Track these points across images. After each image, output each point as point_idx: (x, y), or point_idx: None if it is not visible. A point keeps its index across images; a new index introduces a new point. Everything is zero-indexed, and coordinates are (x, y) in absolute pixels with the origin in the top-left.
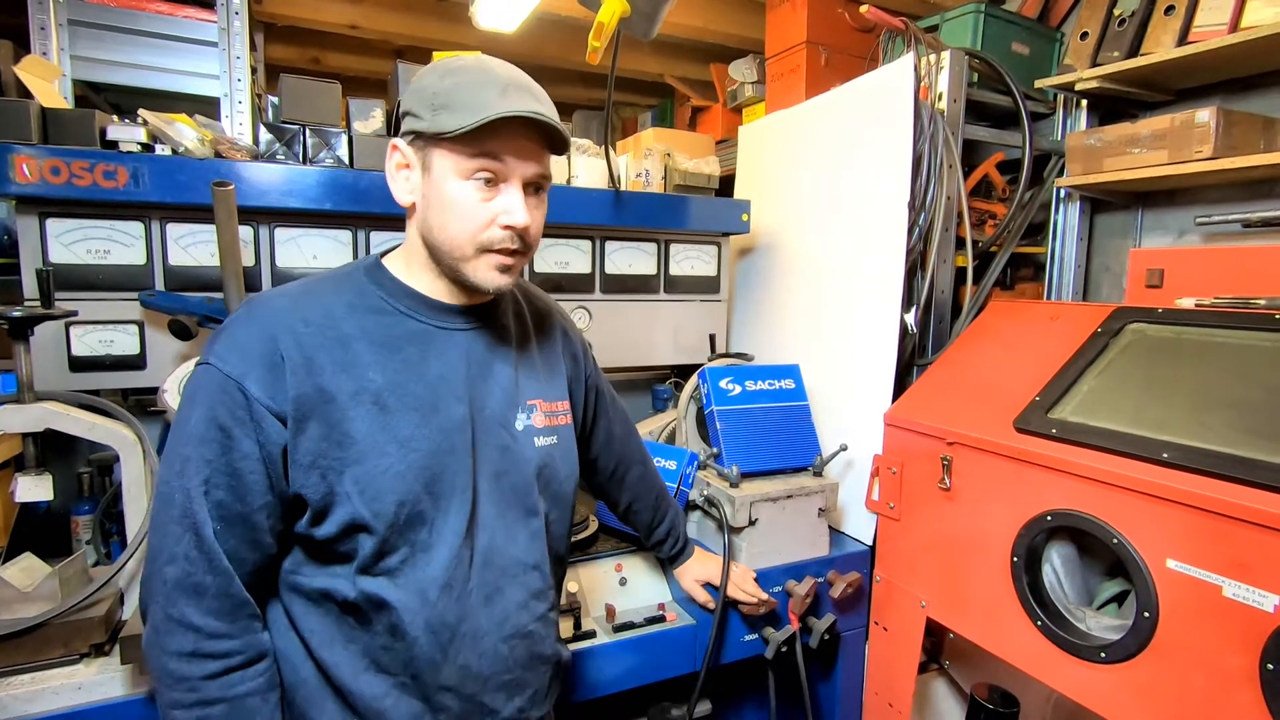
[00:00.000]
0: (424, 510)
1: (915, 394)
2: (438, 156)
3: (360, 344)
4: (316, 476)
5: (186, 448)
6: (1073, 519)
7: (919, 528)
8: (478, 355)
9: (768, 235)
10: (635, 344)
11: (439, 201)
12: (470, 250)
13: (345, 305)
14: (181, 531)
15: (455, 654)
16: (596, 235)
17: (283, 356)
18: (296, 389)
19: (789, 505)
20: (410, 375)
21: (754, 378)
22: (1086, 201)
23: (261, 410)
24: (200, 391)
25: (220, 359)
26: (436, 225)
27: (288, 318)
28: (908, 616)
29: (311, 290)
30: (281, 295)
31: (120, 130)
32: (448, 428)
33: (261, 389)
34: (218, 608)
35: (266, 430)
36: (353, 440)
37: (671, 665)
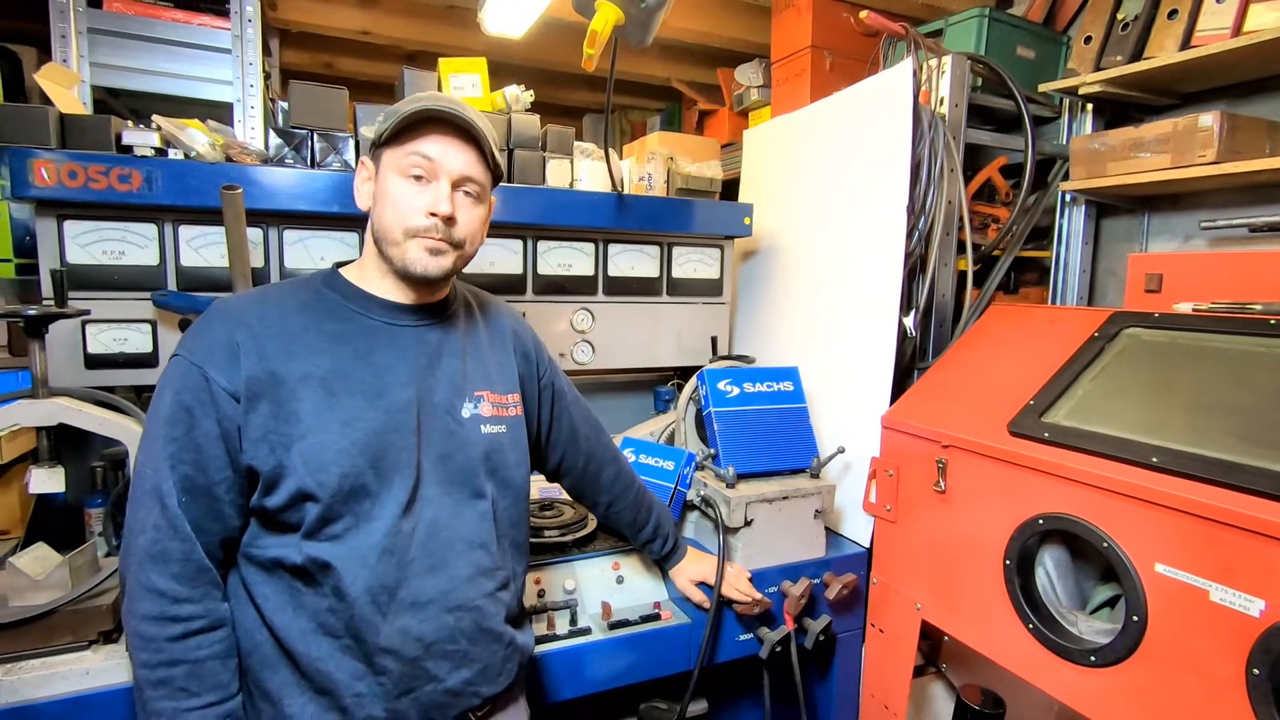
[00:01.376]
0: (367, 484)
1: (912, 397)
2: (384, 159)
3: (310, 335)
4: (266, 450)
5: (157, 428)
6: (1064, 522)
7: (915, 530)
8: (426, 348)
9: (770, 238)
10: (637, 346)
11: (382, 196)
12: (400, 235)
13: (299, 304)
14: (151, 503)
15: (394, 616)
16: (599, 238)
17: (238, 345)
18: (249, 372)
19: (785, 506)
20: (357, 363)
21: (752, 380)
22: (1091, 205)
23: (219, 391)
24: (170, 379)
25: (187, 350)
26: (377, 216)
27: (245, 315)
28: (903, 619)
29: (268, 293)
30: (242, 297)
31: (135, 135)
32: (392, 410)
33: (219, 373)
34: (180, 572)
35: (224, 409)
36: (299, 418)
37: (666, 663)
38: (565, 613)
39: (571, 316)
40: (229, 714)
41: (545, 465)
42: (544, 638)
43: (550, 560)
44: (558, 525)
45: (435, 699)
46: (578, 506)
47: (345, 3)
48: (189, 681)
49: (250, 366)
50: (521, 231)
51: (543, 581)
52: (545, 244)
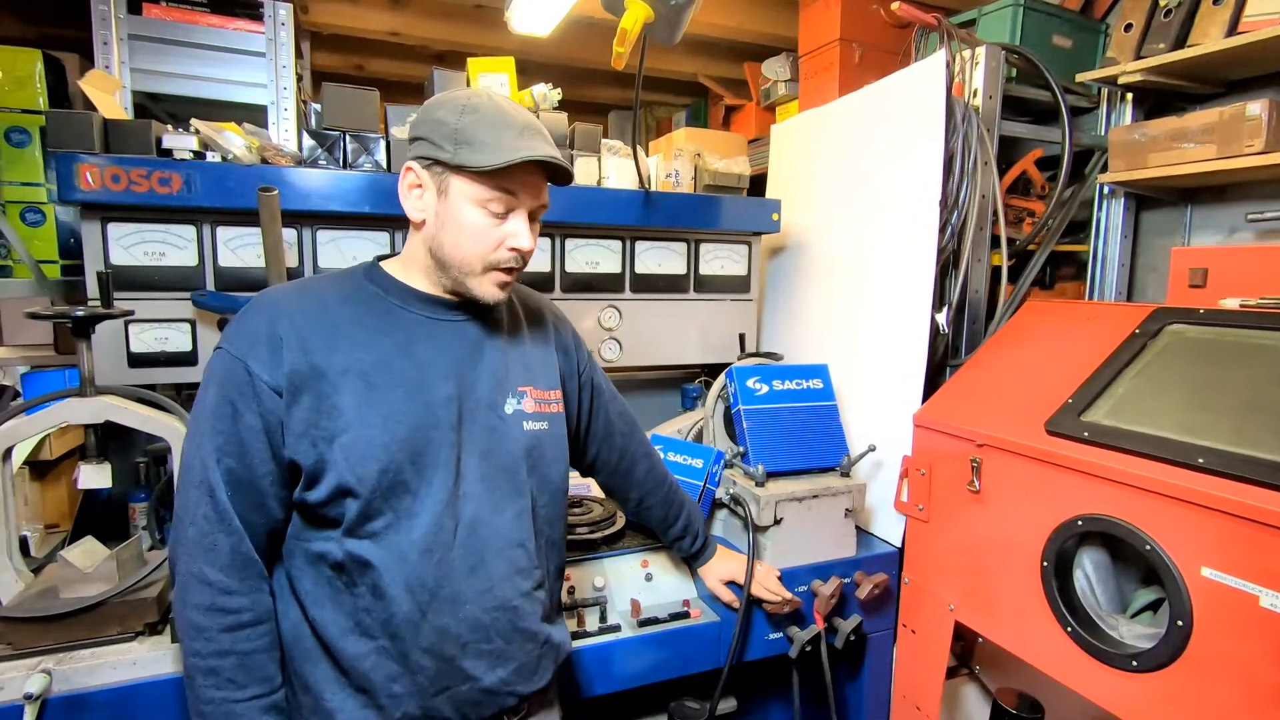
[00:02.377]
0: (407, 479)
1: (945, 395)
2: (457, 183)
3: (352, 327)
4: (308, 444)
5: (203, 422)
6: (1104, 524)
7: (948, 530)
8: (468, 343)
9: (799, 234)
10: (665, 343)
11: (454, 223)
12: (479, 267)
13: (340, 296)
14: (200, 496)
15: (434, 615)
16: (626, 235)
17: (280, 339)
18: (291, 365)
19: (815, 505)
20: (398, 356)
21: (781, 377)
22: (1131, 198)
23: (262, 385)
24: (214, 372)
25: (230, 343)
26: (449, 243)
27: (287, 306)
28: (936, 619)
29: (309, 285)
30: (282, 289)
31: (174, 139)
32: (433, 404)
33: (262, 367)
34: (229, 564)
35: (266, 403)
36: (340, 412)
37: (695, 661)
38: (595, 610)
39: (599, 314)
40: (274, 706)
41: (580, 460)
42: (574, 634)
43: (580, 557)
44: (587, 523)
45: (471, 697)
46: (606, 504)
47: (375, 5)
48: (237, 673)
49: (292, 359)
50: (549, 229)
51: (572, 578)
52: (573, 242)
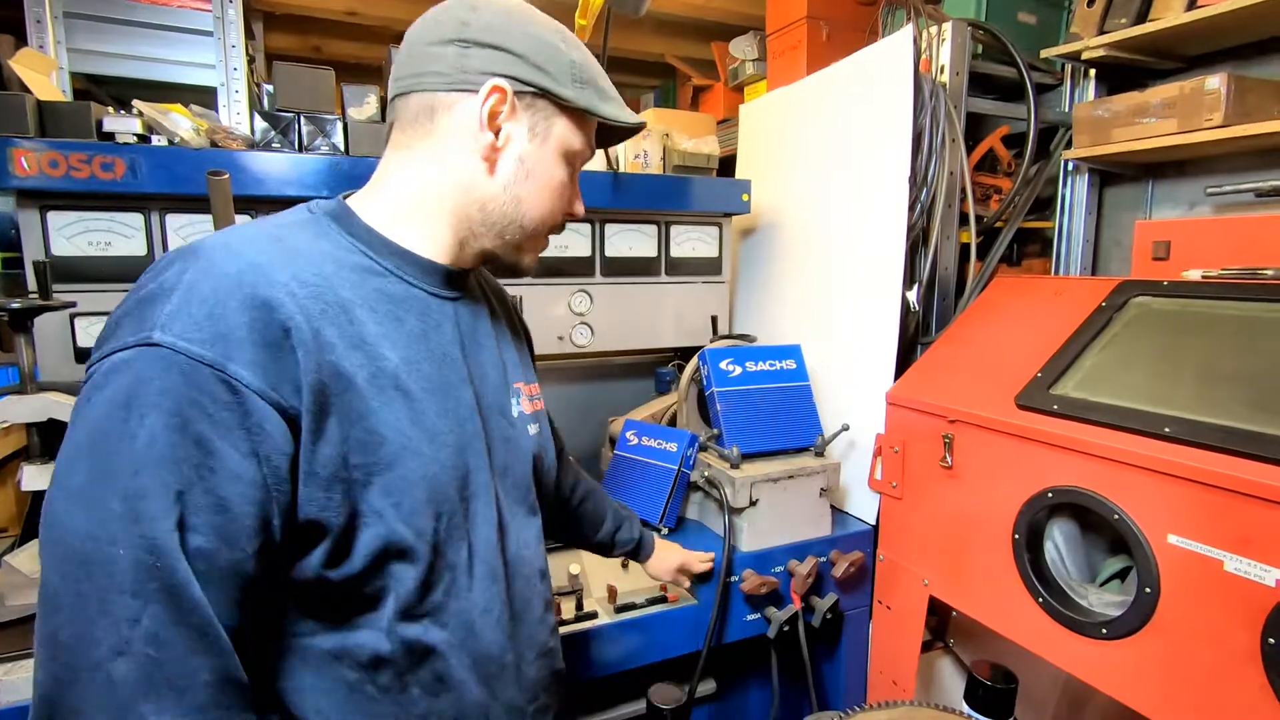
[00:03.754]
0: (458, 521)
1: (917, 372)
2: (562, 128)
3: (362, 312)
4: (339, 494)
5: (138, 477)
6: (1074, 495)
7: (921, 506)
8: (466, 329)
9: (769, 215)
10: (637, 327)
11: (546, 175)
12: (545, 231)
13: (332, 258)
14: (139, 605)
15: (501, 690)
16: (596, 218)
17: (286, 329)
18: (313, 373)
19: (790, 486)
20: (420, 350)
21: (755, 359)
22: (1095, 174)
23: (259, 406)
24: (148, 387)
25: (180, 333)
26: (531, 199)
27: (277, 274)
28: (911, 595)
29: (285, 240)
30: (248, 244)
31: (116, 121)
32: (463, 414)
33: (257, 374)
34: (208, 701)
35: (268, 435)
36: (382, 439)
37: (674, 645)
38: (571, 597)
39: (570, 299)
40: None
41: None
42: None
43: (554, 545)
44: None
45: None
46: None
47: None
48: None
49: (312, 365)
50: None
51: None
52: None
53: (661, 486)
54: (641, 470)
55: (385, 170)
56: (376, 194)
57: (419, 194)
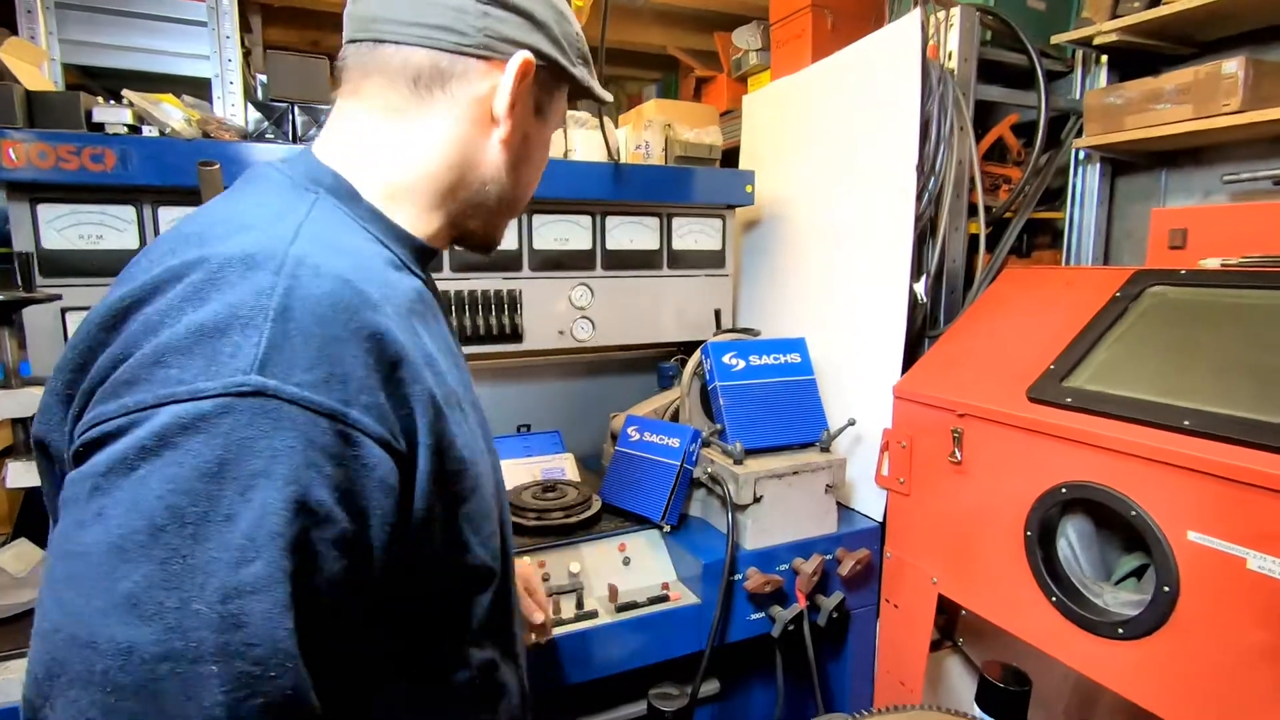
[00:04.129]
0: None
1: (925, 365)
2: (560, 105)
3: (416, 321)
4: (439, 532)
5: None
6: (1089, 491)
7: (929, 503)
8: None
9: (773, 207)
10: (639, 321)
11: (539, 154)
12: (520, 206)
13: (381, 261)
14: None
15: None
16: (596, 210)
17: (396, 361)
18: (425, 404)
19: (795, 482)
20: (451, 356)
21: (759, 352)
22: (1107, 163)
23: (378, 456)
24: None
25: (288, 377)
26: (524, 177)
27: (370, 289)
28: (919, 593)
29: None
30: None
31: (105, 112)
32: (481, 417)
33: (376, 418)
34: None
35: (387, 487)
36: (465, 465)
37: (676, 645)
38: (571, 596)
39: (570, 292)
40: None
41: None
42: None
43: (555, 543)
44: (561, 507)
45: None
46: (581, 487)
47: None
48: None
49: (421, 393)
50: None
51: (547, 565)
52: (541, 218)
53: (663, 483)
54: (643, 466)
55: (368, 137)
56: (364, 166)
57: (421, 171)
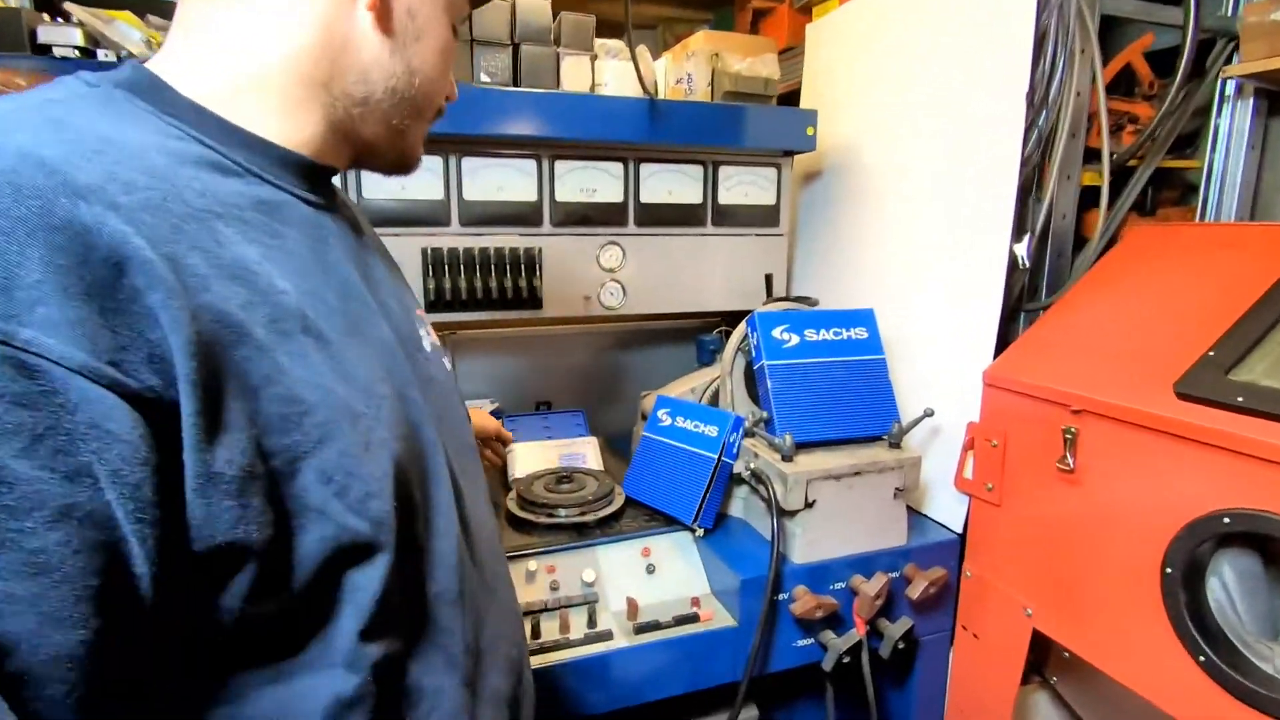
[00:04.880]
0: (418, 496)
1: (1027, 347)
2: None
3: (228, 227)
4: (257, 498)
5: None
6: (1261, 522)
7: (1027, 516)
8: (351, 248)
9: (839, 153)
10: (677, 287)
11: (434, 34)
12: (431, 113)
13: (163, 154)
14: None
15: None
16: (629, 156)
17: (120, 264)
18: (187, 329)
19: (857, 484)
20: (315, 278)
21: (816, 325)
22: (1262, 98)
23: (85, 393)
24: None
25: None
26: (419, 64)
27: (80, 172)
28: (1007, 625)
29: (71, 122)
30: (46, 132)
31: (52, 32)
32: (388, 357)
33: (73, 341)
34: None
35: (107, 439)
36: (305, 406)
37: (705, 674)
38: (583, 611)
39: (598, 252)
40: None
41: None
42: (557, 643)
43: (567, 545)
44: (577, 502)
45: None
46: (602, 478)
47: None
48: None
49: (177, 313)
50: (535, 148)
51: (557, 571)
52: (564, 164)
53: (697, 479)
54: (674, 457)
55: (203, 21)
56: (196, 59)
57: (270, 58)
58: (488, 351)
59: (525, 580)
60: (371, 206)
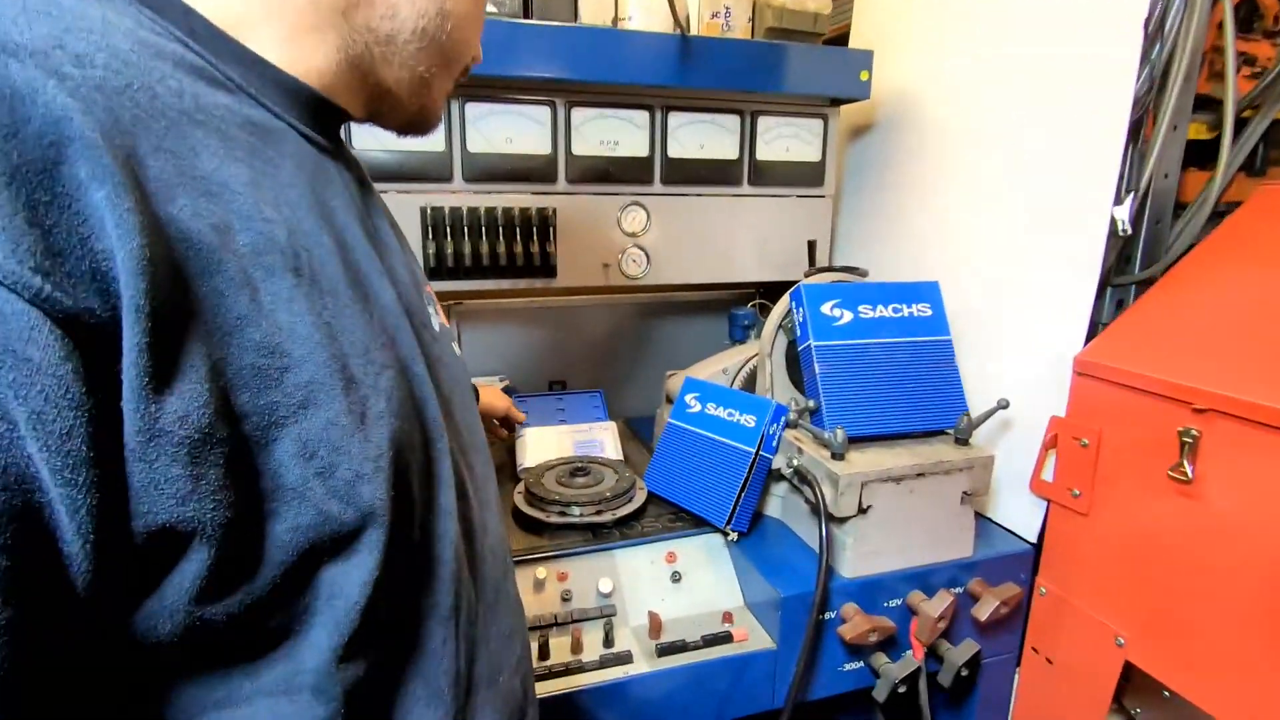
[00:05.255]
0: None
1: (1129, 329)
2: None
3: (207, 137)
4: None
5: None
6: None
7: (1124, 530)
8: (354, 199)
9: (896, 102)
10: (707, 254)
11: None
12: (460, 67)
13: (136, 43)
14: None
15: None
16: (656, 102)
17: (58, 143)
18: (138, 238)
19: (919, 488)
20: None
21: (873, 301)
22: None
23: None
24: None
25: None
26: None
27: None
28: (1091, 653)
29: None
30: None
31: None
32: (392, 321)
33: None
34: None
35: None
36: (287, 359)
37: (738, 702)
38: (598, 627)
39: (619, 214)
40: None
41: None
42: (568, 667)
43: (581, 549)
44: (593, 499)
45: None
46: (621, 469)
47: None
48: None
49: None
50: (548, 93)
51: (569, 578)
52: (582, 112)
53: (731, 474)
54: (704, 449)
55: None
56: None
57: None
58: (495, 324)
59: (534, 589)
60: (364, 159)
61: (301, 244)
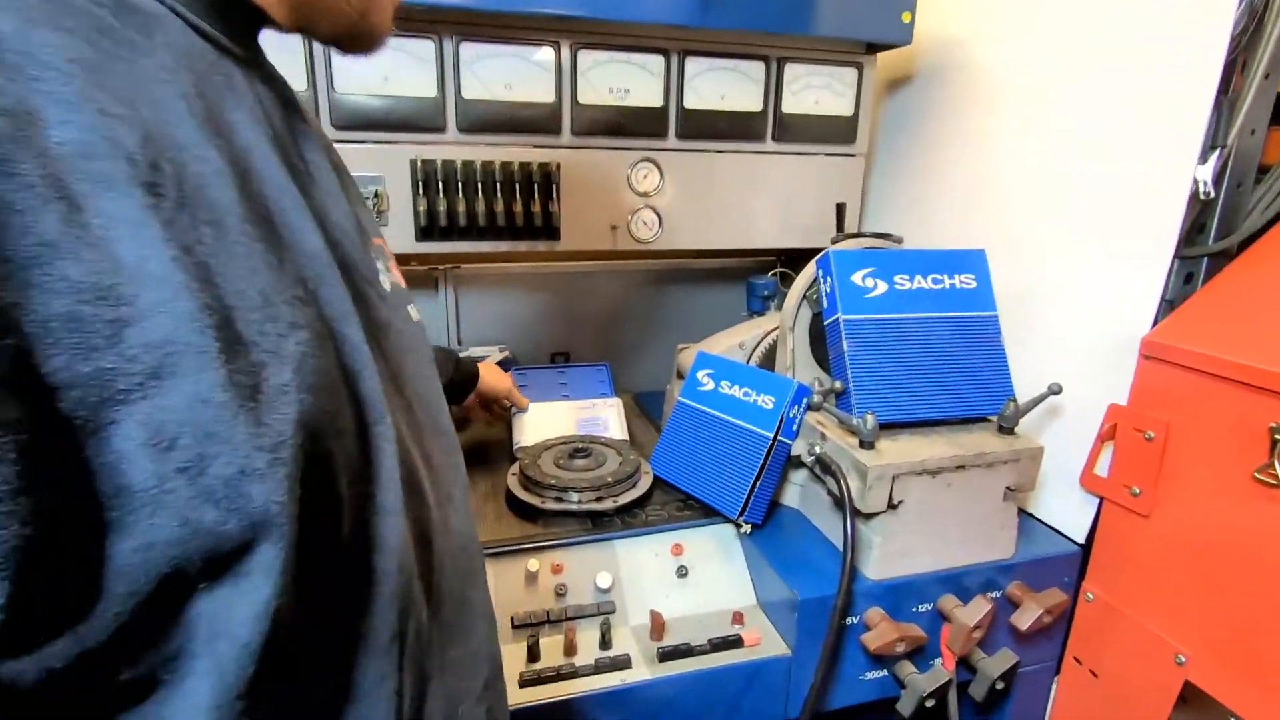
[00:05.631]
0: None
1: (1208, 307)
2: None
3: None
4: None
5: None
6: None
7: (1192, 535)
8: (268, 117)
9: (938, 49)
10: (725, 217)
11: None
12: None
13: None
14: None
15: None
16: (671, 46)
17: None
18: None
19: (958, 481)
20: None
21: (910, 270)
22: None
23: None
24: None
25: None
26: None
27: None
28: (1146, 670)
29: None
30: None
31: None
32: (313, 274)
33: None
34: None
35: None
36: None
37: (748, 713)
38: (594, 625)
39: (630, 171)
40: None
41: None
42: (560, 672)
43: (578, 538)
44: (592, 484)
45: None
46: (625, 451)
47: None
48: None
49: None
50: (553, 32)
51: (564, 570)
52: (589, 56)
53: (747, 461)
54: (718, 431)
55: None
56: None
57: None
58: (493, 291)
59: (525, 582)
60: (345, 104)
61: (167, 155)
